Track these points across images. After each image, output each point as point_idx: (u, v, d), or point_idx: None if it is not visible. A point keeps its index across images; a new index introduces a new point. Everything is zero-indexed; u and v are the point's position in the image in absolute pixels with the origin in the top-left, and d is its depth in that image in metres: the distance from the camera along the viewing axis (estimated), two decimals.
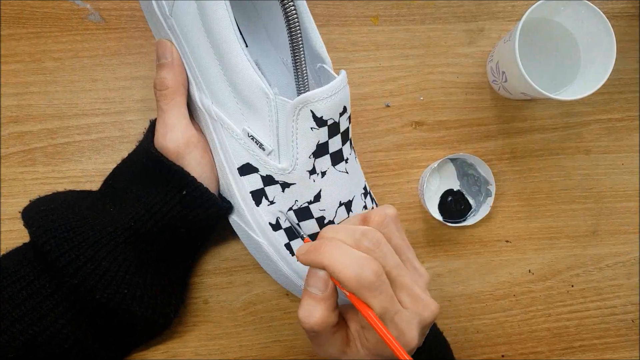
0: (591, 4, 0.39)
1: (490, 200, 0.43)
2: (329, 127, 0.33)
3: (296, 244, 0.36)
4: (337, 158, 0.35)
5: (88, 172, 0.41)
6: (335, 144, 0.34)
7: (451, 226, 0.43)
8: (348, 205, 0.36)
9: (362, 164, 0.44)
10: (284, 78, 0.40)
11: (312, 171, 0.34)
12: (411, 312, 0.28)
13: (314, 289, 0.28)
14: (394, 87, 0.45)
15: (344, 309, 0.32)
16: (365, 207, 0.37)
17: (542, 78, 0.43)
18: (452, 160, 0.44)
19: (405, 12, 0.45)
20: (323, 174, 0.34)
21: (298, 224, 0.35)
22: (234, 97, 0.34)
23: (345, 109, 0.34)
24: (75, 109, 0.42)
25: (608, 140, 0.47)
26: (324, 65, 0.35)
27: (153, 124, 0.37)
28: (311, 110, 0.32)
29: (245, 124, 0.34)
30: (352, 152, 0.36)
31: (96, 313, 0.34)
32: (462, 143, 0.45)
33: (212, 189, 0.36)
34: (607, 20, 0.39)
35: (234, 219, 0.38)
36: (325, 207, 0.35)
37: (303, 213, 0.35)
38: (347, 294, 0.28)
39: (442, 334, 0.38)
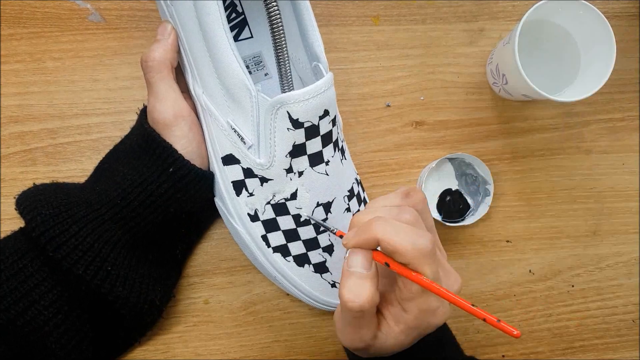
0: (590, 5, 0.39)
1: (488, 200, 0.43)
2: (306, 129, 0.33)
3: (273, 237, 0.37)
4: (316, 160, 0.35)
5: (88, 172, 0.41)
6: (313, 146, 0.34)
7: (450, 226, 0.43)
8: (327, 207, 0.36)
9: (362, 164, 0.44)
10: None
11: (289, 170, 0.34)
12: (445, 285, 0.30)
13: (358, 268, 0.28)
14: (395, 87, 0.45)
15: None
16: (348, 209, 0.37)
17: (542, 79, 0.43)
18: (450, 159, 0.44)
19: (405, 12, 0.46)
20: (300, 173, 0.35)
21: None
22: (221, 89, 0.34)
23: (326, 112, 0.33)
24: (75, 109, 0.42)
25: (609, 140, 0.47)
26: (319, 64, 0.35)
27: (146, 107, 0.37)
28: (287, 112, 0.32)
29: (229, 117, 0.35)
30: (338, 154, 0.36)
31: (81, 295, 0.34)
32: (462, 143, 0.45)
33: (199, 164, 0.36)
34: (607, 21, 0.39)
35: (218, 202, 0.39)
36: (302, 206, 0.36)
37: (280, 208, 0.36)
38: (397, 268, 0.28)
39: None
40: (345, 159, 0.38)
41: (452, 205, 0.44)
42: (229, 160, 0.36)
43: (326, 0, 0.45)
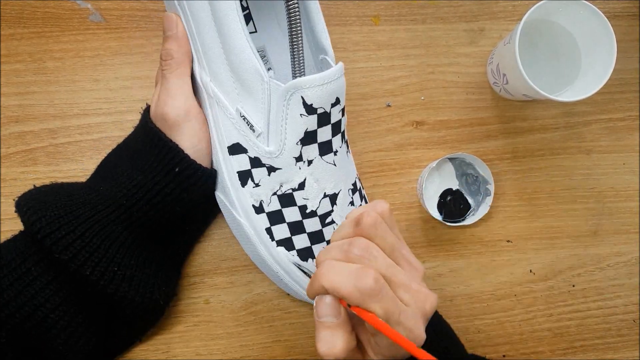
0: (590, 5, 0.39)
1: (489, 200, 0.43)
2: (319, 115, 0.33)
3: (277, 229, 0.36)
4: (326, 148, 0.35)
5: (89, 171, 0.41)
6: (324, 134, 0.34)
7: (450, 226, 0.43)
8: (333, 198, 0.36)
9: (363, 164, 0.44)
10: (288, 67, 0.40)
11: (299, 158, 0.35)
12: (414, 308, 0.28)
13: (327, 318, 0.28)
14: (395, 87, 0.45)
15: (352, 322, 0.31)
16: (352, 203, 0.37)
17: (543, 79, 0.43)
18: (451, 159, 0.44)
19: (406, 12, 0.46)
20: (309, 162, 0.35)
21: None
22: (231, 76, 0.34)
23: (338, 101, 0.34)
24: (76, 109, 0.42)
25: (609, 140, 0.47)
26: (326, 57, 0.35)
27: (150, 106, 0.37)
28: (302, 97, 0.32)
29: (239, 104, 0.35)
30: (344, 145, 0.37)
31: (86, 296, 0.34)
32: (463, 143, 0.45)
33: (205, 163, 0.36)
34: (607, 21, 0.39)
35: (219, 196, 0.38)
36: (309, 197, 0.36)
37: (286, 199, 0.36)
38: (352, 308, 0.27)
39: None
40: (349, 151, 0.38)
41: (453, 205, 0.44)
42: (236, 149, 0.36)
43: (326, 0, 0.45)
